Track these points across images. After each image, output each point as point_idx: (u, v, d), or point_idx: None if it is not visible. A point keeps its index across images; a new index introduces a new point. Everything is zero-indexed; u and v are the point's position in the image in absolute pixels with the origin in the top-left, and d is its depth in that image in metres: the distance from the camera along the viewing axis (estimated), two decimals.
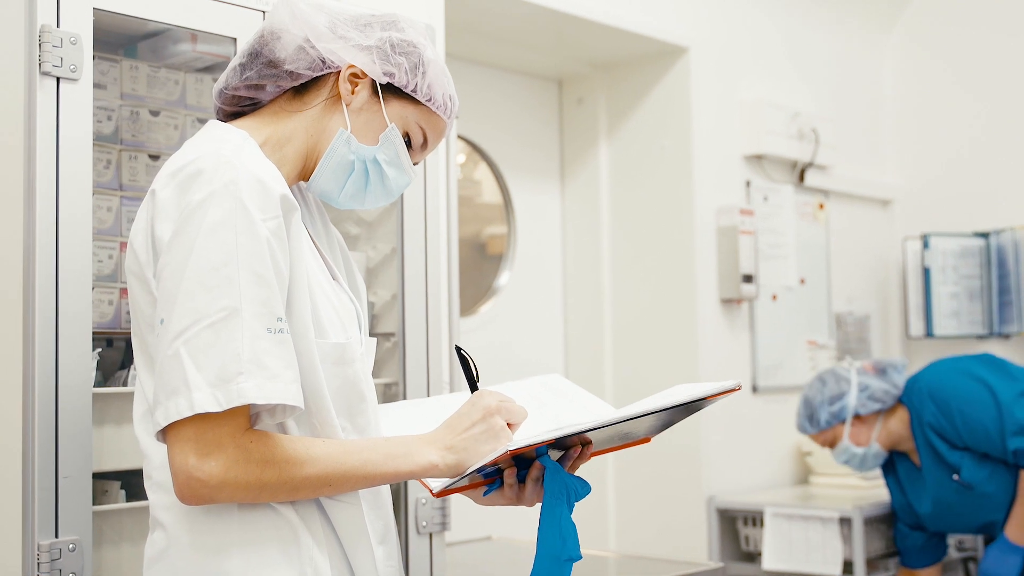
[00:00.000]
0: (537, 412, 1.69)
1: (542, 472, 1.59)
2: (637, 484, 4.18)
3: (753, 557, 4.01)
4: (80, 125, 1.84)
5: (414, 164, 1.70)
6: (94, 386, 2.00)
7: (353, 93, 1.62)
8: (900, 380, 3.65)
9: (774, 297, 4.39)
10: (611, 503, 4.23)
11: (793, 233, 4.44)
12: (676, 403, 1.58)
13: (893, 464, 3.75)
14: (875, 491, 4.14)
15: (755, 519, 3.97)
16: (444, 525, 2.37)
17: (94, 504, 1.86)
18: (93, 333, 2.12)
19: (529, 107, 4.30)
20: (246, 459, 1.40)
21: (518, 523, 3.65)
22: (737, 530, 4.06)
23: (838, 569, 3.70)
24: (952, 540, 4.16)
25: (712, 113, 4.19)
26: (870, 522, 3.79)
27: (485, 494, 1.64)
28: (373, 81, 1.62)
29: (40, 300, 1.78)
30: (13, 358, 1.80)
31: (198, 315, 1.38)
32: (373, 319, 2.42)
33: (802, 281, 4.54)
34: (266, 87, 1.64)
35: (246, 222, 1.41)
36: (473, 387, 1.68)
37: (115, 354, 2.21)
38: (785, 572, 3.82)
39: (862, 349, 4.89)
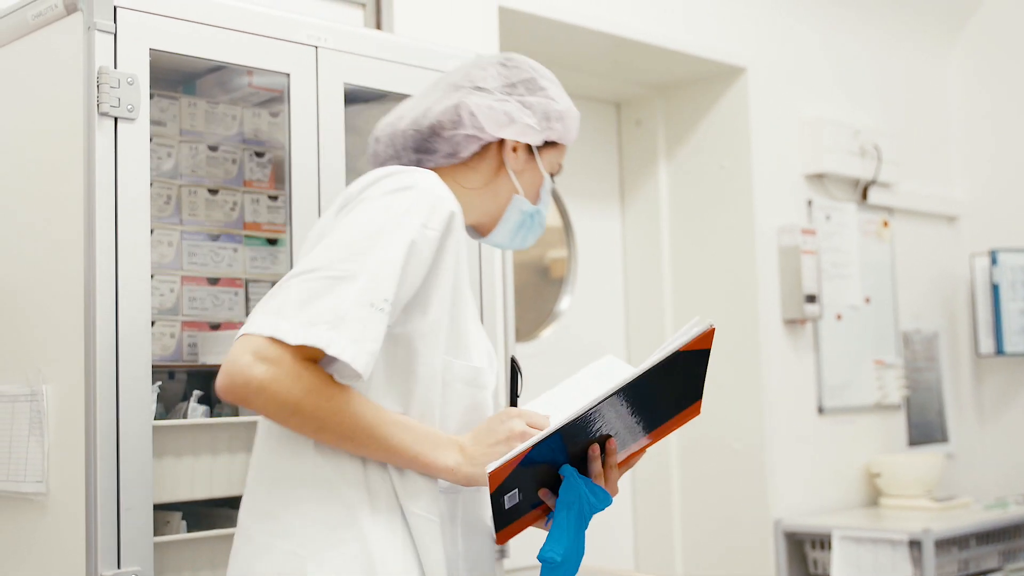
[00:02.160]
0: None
1: None
2: (702, 507, 4.15)
3: None
4: (138, 163, 1.88)
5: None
6: (155, 419, 2.04)
7: (516, 158, 1.79)
8: None
9: (839, 317, 4.34)
10: (676, 526, 4.20)
11: (857, 251, 4.39)
12: (652, 364, 1.57)
13: None
14: (947, 513, 4.08)
15: (823, 542, 3.92)
16: (503, 552, 2.37)
17: (155, 535, 1.88)
18: (155, 366, 2.17)
19: (587, 130, 4.30)
20: (294, 379, 1.49)
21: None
22: (805, 553, 4.01)
23: None
24: None
25: (771, 132, 4.17)
26: (941, 545, 3.73)
27: (547, 524, 1.67)
28: (529, 144, 1.80)
29: (101, 335, 1.82)
30: (76, 391, 1.84)
31: (324, 264, 1.53)
32: None
33: (867, 300, 4.49)
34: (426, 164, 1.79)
35: (404, 217, 1.56)
36: (514, 400, 1.73)
37: (176, 386, 2.25)
38: None
39: (931, 368, 4.82)
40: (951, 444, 4.86)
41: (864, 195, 4.49)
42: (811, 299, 4.10)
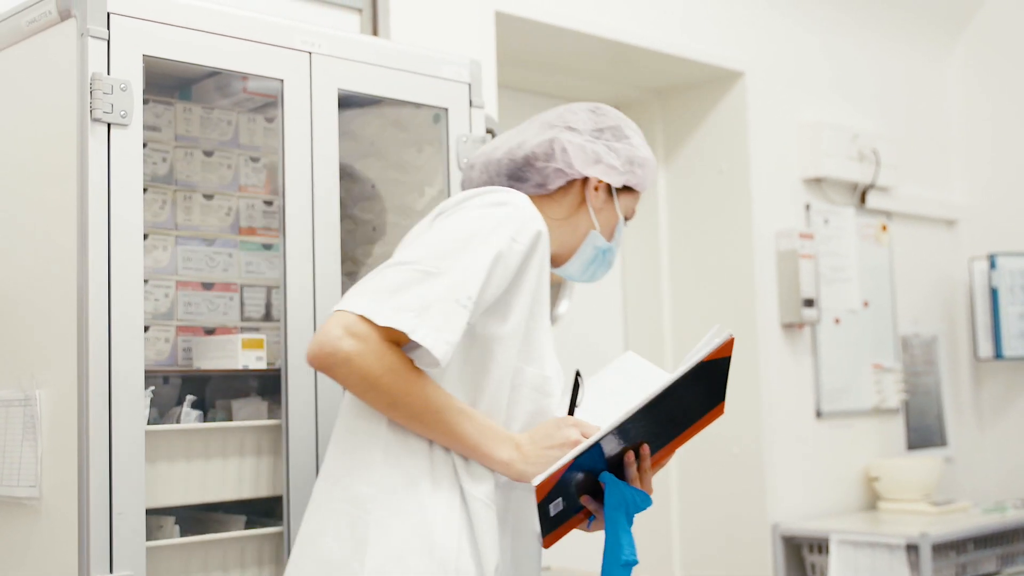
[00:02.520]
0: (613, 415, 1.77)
1: None
2: (701, 510, 4.15)
3: None
4: (131, 169, 1.88)
5: None
6: (148, 423, 2.05)
7: (596, 196, 1.94)
8: None
9: (837, 321, 4.35)
10: (675, 529, 4.20)
11: (855, 256, 4.39)
12: (679, 376, 1.72)
13: None
14: (945, 517, 4.07)
15: (820, 546, 3.92)
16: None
17: (149, 540, 1.89)
18: (149, 371, 2.17)
19: None
20: (378, 357, 1.63)
21: (576, 555, 3.65)
22: (803, 557, 4.02)
23: None
24: None
25: (769, 137, 4.17)
26: (939, 549, 3.73)
27: (588, 527, 1.83)
28: (609, 185, 1.95)
29: (94, 340, 1.82)
30: (69, 396, 1.85)
31: (418, 259, 1.68)
32: None
33: (865, 304, 4.49)
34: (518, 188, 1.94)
35: (503, 232, 1.71)
36: (571, 410, 1.82)
37: (171, 391, 2.25)
38: None
39: (930, 372, 4.82)
40: (950, 448, 4.86)
41: (863, 199, 4.50)
42: (809, 303, 4.11)
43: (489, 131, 2.42)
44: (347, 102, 2.35)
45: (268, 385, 2.27)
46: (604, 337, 4.29)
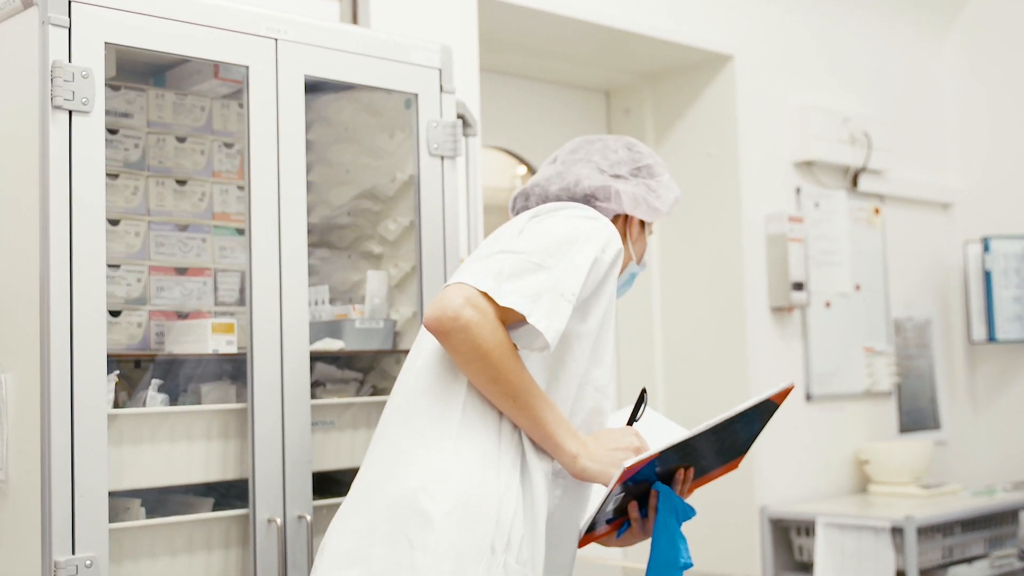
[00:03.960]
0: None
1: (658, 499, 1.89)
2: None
3: (807, 567, 3.98)
4: (92, 156, 1.90)
5: None
6: (118, 406, 2.07)
7: (630, 229, 2.10)
8: None
9: (828, 304, 4.35)
10: None
11: (847, 239, 4.39)
12: (744, 408, 1.89)
13: None
14: (933, 500, 4.08)
15: (808, 529, 3.93)
16: None
17: (114, 522, 1.91)
18: (120, 355, 2.20)
19: (577, 119, 4.32)
20: (493, 330, 1.74)
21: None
22: (791, 540, 4.03)
23: None
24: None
25: (759, 120, 4.17)
26: (924, 532, 3.74)
27: (619, 535, 1.97)
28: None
29: (55, 325, 1.84)
30: (33, 381, 1.87)
31: (529, 251, 1.81)
32: (395, 336, 2.46)
33: (857, 287, 4.49)
34: None
35: (597, 241, 1.86)
36: (631, 421, 1.97)
37: (143, 374, 2.27)
38: None
39: (923, 355, 4.83)
40: (943, 431, 4.86)
41: (854, 182, 4.49)
42: (798, 287, 4.11)
43: (460, 116, 2.43)
44: (321, 87, 2.37)
45: (239, 369, 2.28)
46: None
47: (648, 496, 1.91)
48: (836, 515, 3.82)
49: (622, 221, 2.10)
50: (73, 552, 1.83)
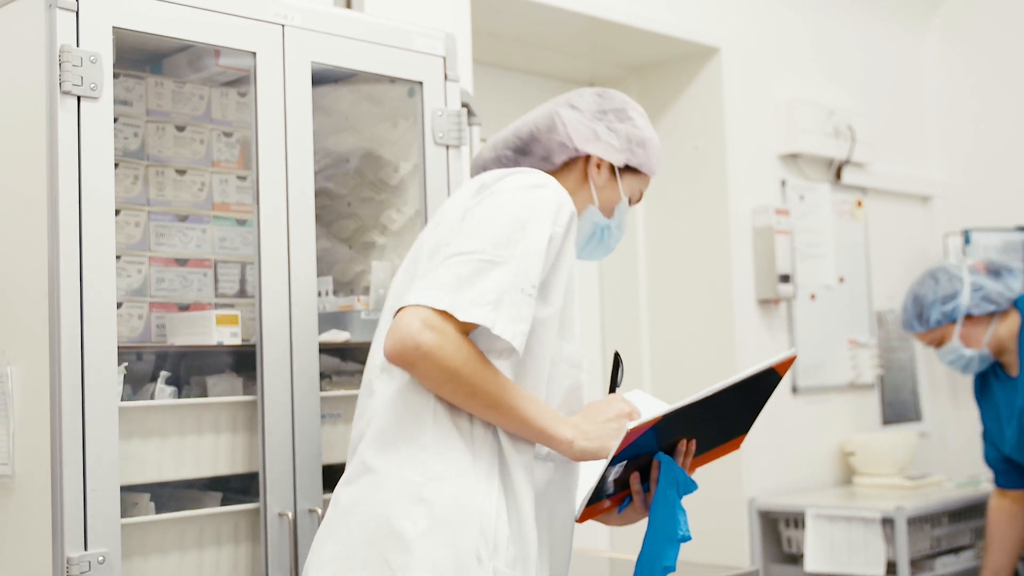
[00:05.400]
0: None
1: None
2: None
3: (795, 559, 3.98)
4: (101, 143, 1.86)
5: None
6: (122, 400, 2.03)
7: (599, 174, 2.00)
8: (1016, 285, 3.54)
9: (813, 296, 4.36)
10: None
11: (831, 232, 4.40)
12: (746, 376, 1.83)
13: (989, 384, 3.68)
14: (919, 491, 4.10)
15: (797, 521, 3.94)
16: None
17: (123, 517, 1.88)
18: (122, 347, 2.15)
19: None
20: (457, 348, 1.67)
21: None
22: (779, 532, 4.03)
23: (881, 570, 3.66)
24: None
25: (745, 113, 4.17)
26: (914, 522, 3.75)
27: (620, 511, 1.92)
28: (612, 165, 2.01)
29: (65, 316, 1.80)
30: (41, 373, 1.83)
31: (479, 248, 1.71)
32: None
33: (841, 280, 4.50)
34: (523, 164, 2.02)
35: (542, 213, 1.75)
36: (613, 388, 1.94)
37: (145, 368, 2.23)
38: (828, 574, 3.79)
39: (905, 347, 4.84)
40: (925, 423, 4.88)
41: (838, 175, 4.50)
42: (785, 279, 4.11)
43: (464, 105, 2.40)
44: (321, 77, 2.33)
45: (242, 361, 2.25)
46: (580, 315, 4.28)
47: (650, 470, 1.85)
48: (826, 507, 3.82)
49: (582, 164, 2.01)
50: (86, 548, 1.80)
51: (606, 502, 1.90)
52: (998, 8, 4.93)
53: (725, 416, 1.92)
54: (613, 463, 1.76)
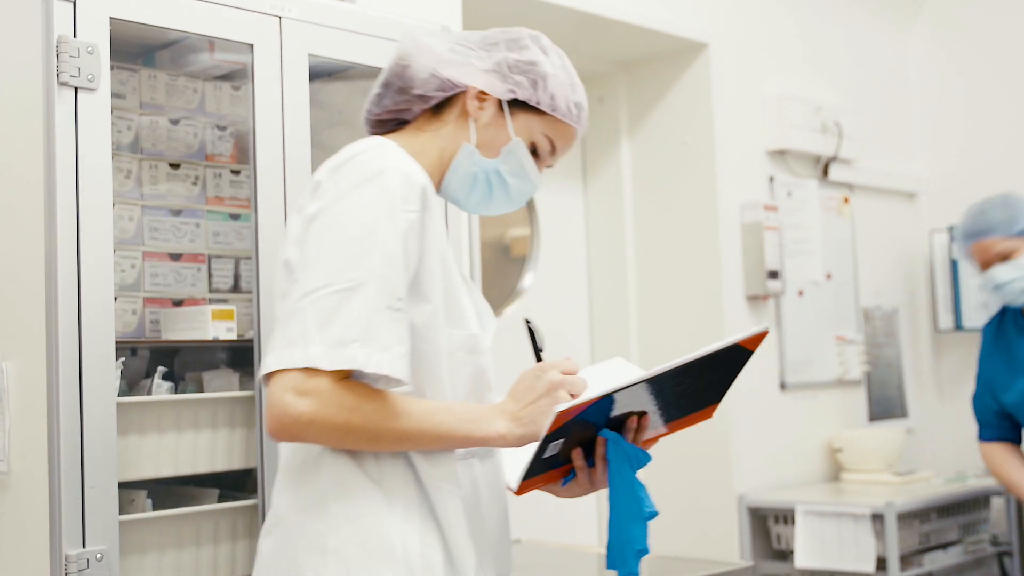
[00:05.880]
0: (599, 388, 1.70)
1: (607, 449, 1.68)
2: (667, 483, 4.14)
3: (785, 555, 3.98)
4: (99, 135, 1.84)
5: (546, 169, 1.85)
6: (118, 396, 2.00)
7: (481, 110, 1.77)
8: None
9: (800, 293, 4.36)
10: None
11: (818, 228, 4.40)
12: (706, 353, 1.66)
13: (1006, 333, 3.59)
14: (908, 487, 4.11)
15: (786, 517, 3.94)
16: None
17: (121, 514, 1.85)
18: (117, 343, 2.13)
19: None
20: (338, 404, 1.50)
21: (546, 526, 3.64)
22: (768, 528, 4.03)
23: (871, 566, 3.66)
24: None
25: (734, 109, 4.17)
26: (903, 518, 3.76)
27: (563, 484, 1.74)
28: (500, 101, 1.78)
29: (62, 311, 1.78)
30: (37, 368, 1.80)
31: (328, 280, 1.51)
32: None
33: (828, 276, 4.51)
34: (407, 110, 1.82)
35: (388, 208, 1.56)
36: (538, 357, 1.74)
37: (139, 363, 2.21)
38: (818, 570, 3.79)
39: (891, 343, 4.86)
40: (911, 419, 4.89)
41: (825, 171, 4.51)
42: (773, 275, 4.11)
43: None
44: (315, 72, 2.31)
45: (238, 356, 2.23)
46: (568, 310, 4.28)
47: (595, 445, 1.70)
48: (815, 503, 3.83)
49: (461, 99, 1.77)
50: (84, 545, 1.77)
51: (552, 473, 1.74)
52: (984, 5, 4.94)
53: (691, 393, 1.76)
54: (548, 440, 1.62)
